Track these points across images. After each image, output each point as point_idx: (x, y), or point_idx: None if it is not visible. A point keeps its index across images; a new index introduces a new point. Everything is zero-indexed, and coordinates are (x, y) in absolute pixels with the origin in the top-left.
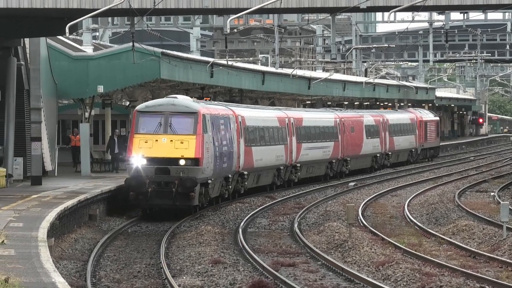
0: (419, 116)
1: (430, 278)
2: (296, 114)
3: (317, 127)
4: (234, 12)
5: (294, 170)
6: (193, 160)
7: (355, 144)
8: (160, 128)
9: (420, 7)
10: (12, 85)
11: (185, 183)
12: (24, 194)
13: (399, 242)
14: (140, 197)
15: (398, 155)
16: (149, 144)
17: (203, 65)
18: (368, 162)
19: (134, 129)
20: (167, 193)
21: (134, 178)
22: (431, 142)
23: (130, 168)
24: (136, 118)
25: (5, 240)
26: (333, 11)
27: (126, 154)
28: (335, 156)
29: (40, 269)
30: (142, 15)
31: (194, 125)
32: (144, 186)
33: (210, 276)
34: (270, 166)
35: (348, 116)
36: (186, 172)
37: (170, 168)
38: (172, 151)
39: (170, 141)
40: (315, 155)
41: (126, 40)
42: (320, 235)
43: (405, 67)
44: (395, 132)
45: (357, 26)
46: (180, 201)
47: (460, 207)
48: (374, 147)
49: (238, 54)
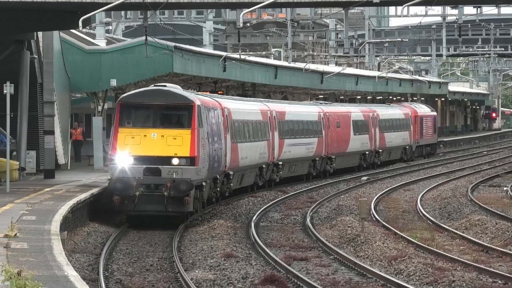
0: (414, 111)
1: (443, 273)
2: (278, 107)
3: (300, 122)
4: (247, 6)
5: (276, 168)
6: (188, 159)
7: (341, 140)
8: (149, 121)
9: (433, 1)
10: (25, 78)
11: (179, 186)
12: (36, 187)
13: (411, 236)
14: (126, 202)
15: (390, 153)
16: (137, 141)
17: (216, 59)
18: (356, 160)
19: (118, 123)
20: (157, 198)
21: (119, 180)
22: (428, 139)
23: (114, 168)
24: (121, 110)
25: (18, 233)
26: (346, 5)
27: (108, 152)
28: (318, 153)
29: (53, 262)
30: (155, 9)
31: (188, 118)
32: (131, 189)
33: (223, 270)
34: (253, 165)
35: (333, 110)
36: (180, 173)
37: (162, 168)
38: (164, 149)
39: (161, 136)
40: (298, 152)
41: (139, 34)
42: (333, 229)
43: (418, 61)
44: (386, 128)
45: (370, 20)
46: (173, 206)
47: (473, 202)
48: (362, 144)
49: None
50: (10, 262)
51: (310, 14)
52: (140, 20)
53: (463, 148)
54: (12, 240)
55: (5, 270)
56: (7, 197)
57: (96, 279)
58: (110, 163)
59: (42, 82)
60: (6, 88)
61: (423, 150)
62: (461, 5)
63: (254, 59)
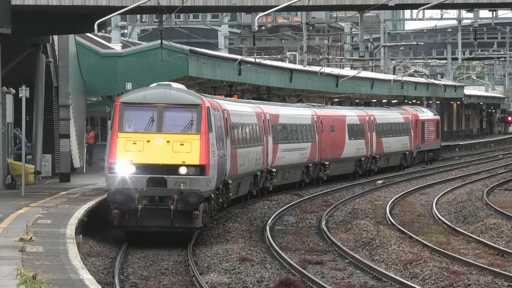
0: (414, 114)
1: (458, 277)
2: (272, 109)
3: (293, 125)
4: (262, 9)
5: (269, 176)
6: (198, 167)
7: (335, 145)
8: (152, 125)
9: (448, 5)
10: (41, 82)
11: (188, 199)
12: (52, 191)
13: (427, 240)
14: (127, 217)
15: (388, 159)
16: (139, 147)
17: (231, 62)
18: (351, 167)
19: (117, 126)
20: (162, 212)
21: (119, 191)
22: (430, 144)
23: (113, 178)
24: (120, 112)
25: (33, 237)
26: (361, 9)
27: (106, 160)
28: (312, 159)
29: (68, 266)
30: (171, 12)
31: (197, 121)
32: (133, 202)
33: (238, 274)
34: (250, 172)
35: (327, 113)
36: (189, 184)
37: (167, 178)
38: (170, 156)
39: (167, 142)
40: (292, 158)
41: (155, 38)
42: (348, 233)
43: (434, 64)
44: (384, 132)
45: (386, 24)
46: (180, 222)
47: (488, 206)
48: (358, 149)
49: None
50: (25, 265)
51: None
52: (155, 24)
53: (479, 151)
54: (28, 243)
55: (21, 273)
56: (22, 200)
57: (111, 282)
58: (108, 172)
59: (57, 86)
60: (22, 91)
61: (425, 156)
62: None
63: (269, 63)
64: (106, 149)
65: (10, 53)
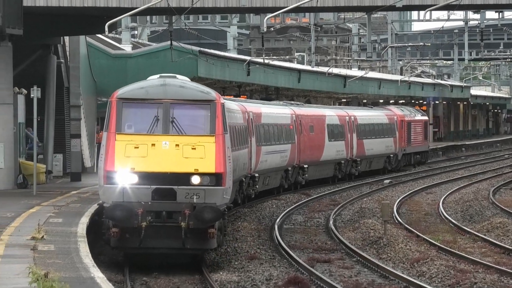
0: (400, 115)
1: (465, 275)
2: (255, 108)
3: (275, 126)
4: (271, 10)
5: (252, 181)
6: (214, 176)
7: (315, 147)
8: (157, 125)
9: (455, 6)
10: (52, 82)
11: (203, 214)
12: (63, 190)
13: (433, 239)
14: (128, 236)
15: (370, 162)
16: (142, 152)
17: (240, 63)
18: (330, 171)
19: (114, 127)
20: (172, 230)
21: (119, 206)
22: (417, 146)
23: (112, 190)
24: (118, 110)
25: (45, 236)
26: (369, 10)
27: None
28: (291, 162)
29: (79, 264)
30: (180, 13)
31: (211, 120)
32: (135, 218)
33: (247, 272)
34: (237, 179)
35: (306, 112)
36: (203, 196)
37: (177, 189)
38: (180, 163)
39: (175, 146)
40: (274, 161)
41: (164, 39)
42: (355, 231)
43: (441, 65)
44: (365, 133)
45: (393, 25)
46: (193, 242)
47: (494, 205)
48: (338, 151)
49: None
50: (37, 264)
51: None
52: (165, 25)
53: (485, 151)
54: (39, 242)
55: (32, 272)
56: (34, 199)
57: (122, 280)
58: (105, 183)
59: (68, 86)
60: (33, 92)
61: (411, 158)
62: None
63: (278, 63)
64: (101, 155)
65: (22, 54)
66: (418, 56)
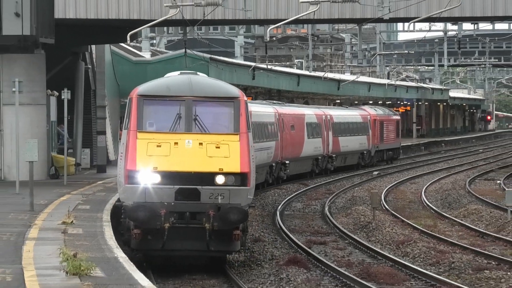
0: (373, 114)
1: (444, 255)
2: None
3: (261, 124)
4: (273, 22)
5: None
6: (239, 176)
7: (295, 144)
8: (180, 123)
9: (436, 18)
10: (81, 85)
11: (228, 215)
12: (90, 181)
13: (416, 223)
14: (150, 238)
15: (345, 158)
16: (164, 150)
17: (246, 68)
18: (309, 166)
19: (135, 125)
20: (195, 232)
21: (141, 206)
22: (389, 143)
23: (133, 190)
24: (139, 107)
25: (74, 221)
26: (360, 22)
27: (122, 166)
28: (275, 158)
29: (104, 245)
30: (193, 25)
31: (235, 118)
32: (158, 219)
33: (252, 253)
34: None
35: (288, 111)
36: (227, 197)
37: (201, 189)
38: (204, 162)
39: (199, 144)
40: (261, 158)
41: (179, 47)
42: (348, 217)
43: (423, 70)
44: (341, 131)
45: (381, 35)
46: (218, 244)
47: (470, 193)
48: (315, 148)
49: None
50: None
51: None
52: (180, 35)
53: (462, 146)
54: (69, 226)
55: (63, 252)
56: (64, 189)
57: (142, 260)
58: (126, 182)
59: (95, 89)
60: (64, 94)
61: (384, 155)
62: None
63: (280, 69)
64: (120, 153)
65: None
66: (403, 62)
